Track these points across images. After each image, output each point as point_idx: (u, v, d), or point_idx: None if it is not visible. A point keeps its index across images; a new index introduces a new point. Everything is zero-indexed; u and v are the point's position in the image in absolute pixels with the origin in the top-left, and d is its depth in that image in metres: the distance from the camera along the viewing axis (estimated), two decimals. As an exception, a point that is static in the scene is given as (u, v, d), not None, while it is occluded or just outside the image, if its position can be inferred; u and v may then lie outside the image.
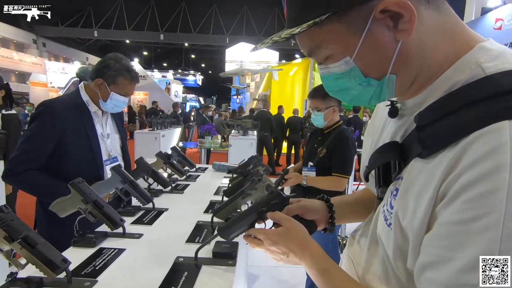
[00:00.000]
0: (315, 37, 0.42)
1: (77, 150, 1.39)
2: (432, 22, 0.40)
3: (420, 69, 0.42)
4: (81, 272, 0.85)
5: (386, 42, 0.39)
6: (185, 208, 1.47)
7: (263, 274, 2.65)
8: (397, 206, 0.42)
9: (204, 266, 0.91)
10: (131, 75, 1.45)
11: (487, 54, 0.39)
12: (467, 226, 0.33)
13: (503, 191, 0.31)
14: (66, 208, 1.10)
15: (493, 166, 0.32)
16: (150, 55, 27.64)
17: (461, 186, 0.34)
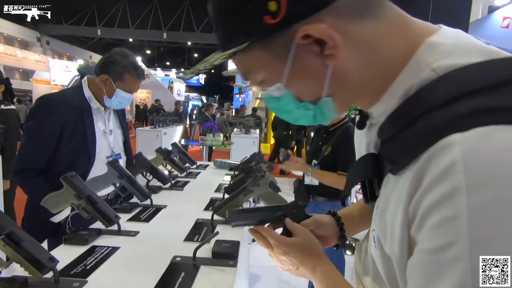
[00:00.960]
0: (243, 63, 0.40)
1: (71, 146, 1.32)
2: (371, 33, 0.36)
3: (367, 82, 0.38)
4: (70, 272, 0.79)
5: (316, 67, 0.37)
6: (184, 205, 1.41)
7: (265, 274, 2.59)
8: (377, 229, 0.39)
9: (202, 267, 0.85)
10: (138, 72, 1.41)
11: (437, 51, 0.34)
12: (439, 256, 0.29)
13: (463, 217, 0.27)
14: (59, 203, 1.04)
15: (449, 189, 0.28)
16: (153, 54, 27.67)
17: (425, 209, 0.30)
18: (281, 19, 0.34)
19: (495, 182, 0.26)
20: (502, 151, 0.26)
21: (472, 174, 0.27)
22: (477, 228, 0.26)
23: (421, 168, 0.31)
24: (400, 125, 0.34)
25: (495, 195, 0.26)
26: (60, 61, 16.23)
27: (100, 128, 1.43)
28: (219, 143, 4.69)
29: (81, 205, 1.02)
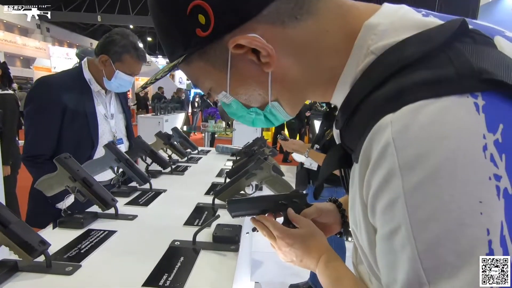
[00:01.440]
0: (188, 73, 0.41)
1: (73, 130, 1.28)
2: (309, 32, 0.35)
3: (315, 80, 0.38)
4: (63, 256, 0.75)
5: (255, 75, 0.37)
6: (184, 189, 1.37)
7: (266, 261, 2.58)
8: (351, 221, 0.39)
9: (203, 251, 0.81)
10: (138, 53, 1.34)
11: (374, 32, 0.33)
12: (391, 242, 0.28)
13: (401, 200, 0.26)
14: (53, 186, 1.00)
15: (386, 172, 0.27)
16: (154, 41, 27.29)
17: (373, 194, 0.29)
18: (211, 31, 0.34)
19: (424, 160, 0.25)
20: (429, 125, 0.25)
21: (403, 155, 0.26)
22: (415, 210, 0.25)
23: (364, 153, 0.30)
24: (348, 113, 0.34)
25: (425, 173, 0.25)
26: (61, 48, 16.06)
27: (101, 112, 1.38)
28: (221, 129, 4.62)
29: (77, 188, 0.98)
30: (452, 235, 0.24)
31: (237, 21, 0.34)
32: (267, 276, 2.34)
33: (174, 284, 0.67)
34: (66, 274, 0.69)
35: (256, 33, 0.34)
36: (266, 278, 2.30)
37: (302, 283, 2.15)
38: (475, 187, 0.24)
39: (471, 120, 0.24)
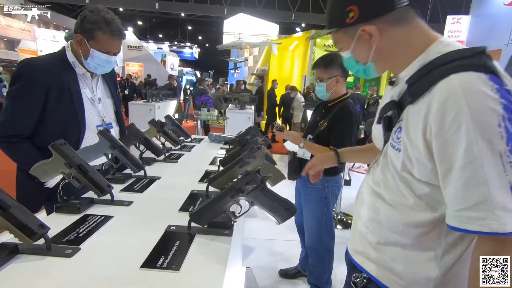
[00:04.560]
0: (335, 37, 0.75)
1: (58, 113, 1.25)
2: (402, 33, 0.68)
3: (395, 58, 0.70)
4: (62, 239, 0.78)
5: (366, 46, 0.70)
6: (179, 177, 1.39)
7: (258, 246, 2.65)
8: (403, 137, 0.64)
9: (198, 236, 0.85)
10: (111, 29, 1.25)
11: (442, 44, 0.66)
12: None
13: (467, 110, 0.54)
14: (48, 172, 1.01)
15: (451, 107, 0.56)
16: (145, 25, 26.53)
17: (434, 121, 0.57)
18: (354, 21, 0.68)
19: (472, 93, 0.55)
20: (472, 80, 0.56)
21: (464, 91, 0.55)
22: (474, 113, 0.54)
23: (431, 96, 0.59)
24: (421, 74, 0.63)
25: (475, 99, 0.54)
26: (47, 30, 15.49)
27: (87, 96, 1.35)
28: (214, 118, 4.62)
29: (72, 174, 0.99)
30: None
31: (368, 19, 0.67)
32: (258, 262, 2.41)
33: (171, 265, 0.70)
34: (66, 256, 0.71)
35: (374, 26, 0.66)
36: (257, 264, 2.37)
37: (291, 268, 2.23)
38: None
39: (486, 81, 0.55)
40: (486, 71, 0.55)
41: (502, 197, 0.52)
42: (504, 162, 0.52)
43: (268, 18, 13.63)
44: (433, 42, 0.66)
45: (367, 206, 0.76)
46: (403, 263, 0.68)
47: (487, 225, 0.53)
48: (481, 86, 0.54)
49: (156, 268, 0.69)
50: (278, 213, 0.83)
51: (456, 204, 0.56)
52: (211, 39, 26.94)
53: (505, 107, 0.53)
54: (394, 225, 0.69)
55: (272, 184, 1.18)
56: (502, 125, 0.52)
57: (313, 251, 1.90)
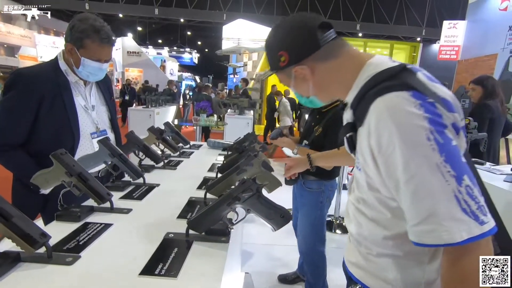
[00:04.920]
0: (278, 77, 0.81)
1: (51, 122, 1.25)
2: (333, 65, 0.73)
3: (333, 88, 0.76)
4: (63, 247, 0.80)
5: (304, 82, 0.75)
6: (177, 184, 1.41)
7: (257, 252, 2.66)
8: (359, 157, 0.69)
9: (195, 243, 0.87)
10: (100, 36, 1.25)
11: (371, 67, 0.69)
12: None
13: (395, 130, 0.57)
14: (49, 181, 1.03)
15: (383, 130, 0.59)
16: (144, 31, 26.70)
17: (376, 138, 0.60)
18: (286, 65, 0.74)
19: (397, 114, 0.57)
20: (395, 101, 0.58)
21: (390, 112, 0.58)
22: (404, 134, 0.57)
23: (368, 121, 0.62)
24: (358, 100, 0.66)
25: (401, 119, 0.57)
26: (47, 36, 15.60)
27: (80, 103, 1.35)
28: (213, 123, 4.65)
29: (72, 183, 1.01)
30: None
31: (297, 61, 0.73)
32: (257, 267, 2.42)
33: (169, 272, 0.72)
34: (67, 264, 0.73)
35: (305, 65, 0.72)
36: (256, 269, 2.38)
37: (290, 274, 2.24)
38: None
39: (409, 99, 0.57)
40: (408, 89, 0.58)
41: (448, 207, 0.53)
42: (443, 172, 0.53)
43: (267, 23, 13.73)
44: (363, 65, 0.69)
45: (353, 222, 0.78)
46: (394, 272, 0.70)
47: (439, 237, 0.54)
48: (405, 105, 0.56)
49: (154, 275, 0.71)
50: (274, 220, 0.85)
51: (410, 219, 0.58)
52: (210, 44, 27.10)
53: (430, 120, 0.55)
54: (376, 238, 0.71)
55: (269, 191, 1.20)
56: (431, 138, 0.54)
57: (306, 255, 1.92)
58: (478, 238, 0.52)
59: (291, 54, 0.72)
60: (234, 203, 0.85)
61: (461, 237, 0.52)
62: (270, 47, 0.76)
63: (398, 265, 0.69)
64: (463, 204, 0.53)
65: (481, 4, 7.02)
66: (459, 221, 0.52)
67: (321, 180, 1.79)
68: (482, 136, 2.31)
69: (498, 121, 2.66)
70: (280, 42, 0.74)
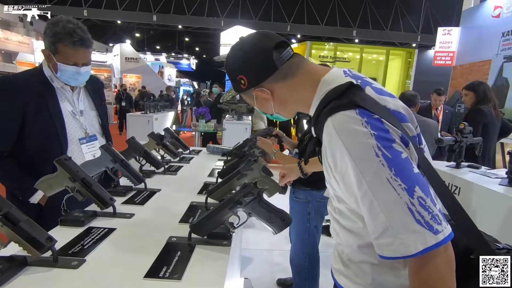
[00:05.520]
0: (243, 97, 0.82)
1: (37, 129, 1.23)
2: (292, 84, 0.73)
3: (295, 104, 0.77)
4: (68, 251, 0.81)
5: (266, 102, 0.76)
6: (178, 189, 1.43)
7: (256, 257, 2.66)
8: (324, 172, 0.71)
9: (198, 246, 0.88)
10: (73, 40, 1.19)
11: (325, 84, 0.69)
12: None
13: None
14: (53, 186, 1.05)
15: (335, 149, 0.61)
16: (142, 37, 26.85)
17: (330, 155, 0.63)
18: (246, 87, 0.75)
19: (345, 133, 0.59)
20: (342, 120, 0.60)
21: (338, 132, 0.60)
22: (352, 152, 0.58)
23: (323, 137, 0.64)
24: (315, 118, 0.68)
25: (349, 138, 0.58)
26: (45, 43, 15.58)
27: (67, 109, 1.32)
28: (211, 129, 4.67)
29: (76, 188, 1.03)
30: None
31: (256, 84, 0.74)
32: (256, 272, 2.42)
33: (173, 275, 0.74)
34: (72, 267, 0.74)
35: (264, 87, 0.74)
36: (255, 274, 2.38)
37: (289, 278, 2.24)
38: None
39: (355, 117, 0.59)
40: (354, 107, 0.59)
41: (402, 219, 0.54)
42: (395, 186, 0.54)
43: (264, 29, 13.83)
44: (318, 82, 0.70)
45: (334, 231, 0.80)
46: (371, 276, 0.70)
47: (396, 250, 0.55)
48: (351, 124, 0.58)
49: (159, 277, 0.72)
50: (274, 223, 0.88)
51: (371, 233, 0.59)
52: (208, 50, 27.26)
53: (377, 136, 0.56)
54: (352, 247, 0.72)
55: (269, 195, 1.22)
56: (379, 153, 0.55)
57: (296, 266, 1.86)
58: (433, 247, 0.53)
59: (249, 77, 0.73)
60: (235, 207, 0.87)
61: (416, 248, 0.53)
62: (230, 70, 0.77)
63: (375, 271, 0.69)
64: (417, 216, 0.53)
65: (474, 11, 7.16)
66: (414, 233, 0.53)
67: (308, 190, 1.69)
68: (478, 140, 2.35)
69: (492, 126, 2.71)
70: (238, 66, 0.74)
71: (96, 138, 1.43)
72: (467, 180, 2.07)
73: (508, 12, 6.16)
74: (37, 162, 1.24)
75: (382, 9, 18.74)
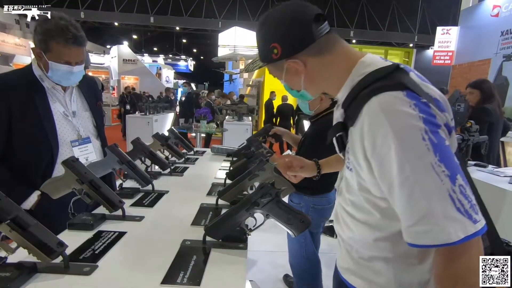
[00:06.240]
0: (268, 69, 0.78)
1: (27, 131, 1.16)
2: (326, 61, 0.70)
3: (325, 83, 0.74)
4: (79, 257, 0.77)
5: (295, 76, 0.73)
6: (186, 190, 1.39)
7: (260, 259, 2.63)
8: (351, 158, 0.67)
9: (213, 250, 0.85)
10: (66, 37, 1.13)
11: (363, 65, 0.68)
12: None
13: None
14: (60, 189, 1.01)
15: (378, 129, 0.57)
16: (140, 39, 26.77)
17: (371, 138, 0.59)
18: (278, 57, 0.71)
19: (392, 114, 0.56)
20: (389, 101, 0.57)
21: (384, 112, 0.57)
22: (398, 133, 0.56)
23: (361, 119, 0.61)
24: (351, 99, 0.65)
25: (396, 119, 0.56)
26: (42, 45, 15.48)
27: (59, 110, 1.25)
28: (213, 130, 4.63)
29: (84, 190, 0.99)
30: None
31: (290, 55, 0.70)
32: (261, 275, 2.39)
33: (191, 281, 0.70)
34: (84, 274, 0.71)
35: (298, 59, 0.70)
36: (260, 277, 2.35)
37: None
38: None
39: (403, 98, 0.57)
40: (402, 89, 0.57)
41: (443, 206, 0.52)
42: (438, 172, 0.53)
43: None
44: (355, 63, 0.68)
45: (343, 225, 0.77)
46: (386, 275, 0.68)
47: (435, 237, 0.53)
48: (399, 105, 0.56)
49: (177, 284, 0.69)
50: (294, 225, 0.84)
51: (404, 220, 0.57)
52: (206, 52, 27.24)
53: (425, 120, 0.55)
54: (367, 241, 0.70)
55: (282, 196, 1.19)
56: (426, 137, 0.54)
57: (296, 271, 1.82)
58: (472, 236, 0.52)
59: (284, 47, 0.68)
60: (253, 209, 0.84)
61: (457, 236, 0.52)
62: (262, 38, 0.72)
63: (389, 268, 0.68)
64: (457, 203, 0.52)
65: (473, 11, 7.19)
66: (455, 221, 0.52)
67: (301, 194, 1.63)
68: (483, 139, 2.33)
69: (497, 124, 2.69)
70: (273, 34, 0.69)
71: (90, 141, 1.35)
72: (476, 178, 2.05)
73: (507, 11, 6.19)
74: (26, 166, 1.17)
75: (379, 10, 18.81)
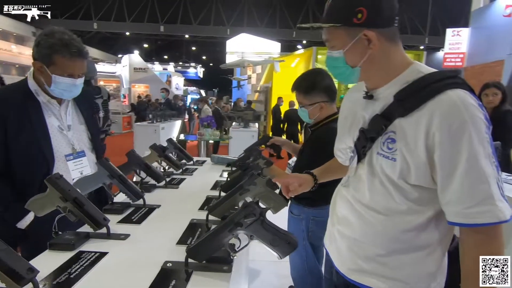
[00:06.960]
0: (330, 32, 0.76)
1: (22, 146, 1.16)
2: (391, 49, 0.74)
3: (380, 70, 0.75)
4: (52, 282, 0.74)
5: (362, 50, 0.73)
6: (179, 204, 1.36)
7: (263, 269, 2.56)
8: (398, 147, 0.70)
9: (195, 273, 0.80)
10: (70, 51, 1.16)
11: (419, 67, 0.75)
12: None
13: (469, 123, 0.64)
14: (44, 206, 0.99)
15: (455, 117, 0.65)
16: (150, 48, 27.36)
17: (442, 130, 0.65)
18: (360, 23, 0.70)
19: (469, 107, 0.65)
20: (464, 96, 0.66)
21: (464, 104, 0.65)
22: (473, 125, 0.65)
23: (431, 108, 0.66)
24: (412, 91, 0.70)
25: (472, 112, 0.65)
26: (57, 56, 16.00)
27: (54, 124, 1.25)
28: (217, 137, 4.62)
29: (68, 208, 0.97)
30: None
31: (371, 25, 0.70)
32: (265, 286, 2.32)
33: (165, 310, 0.66)
34: (55, 301, 0.67)
35: (375, 34, 0.71)
36: (264, 287, 2.29)
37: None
38: None
39: (471, 96, 0.67)
40: (468, 89, 0.68)
41: (496, 191, 0.63)
42: (492, 162, 0.64)
43: (269, 36, 13.93)
44: (410, 64, 0.75)
45: (355, 223, 0.79)
46: (406, 269, 0.73)
47: (495, 216, 0.62)
48: (472, 100, 0.65)
49: (149, 313, 0.65)
50: (279, 247, 0.79)
51: (461, 203, 0.64)
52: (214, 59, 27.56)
53: (485, 117, 0.66)
54: (390, 233, 0.73)
55: (274, 212, 1.14)
56: (487, 132, 0.65)
57: (298, 284, 1.77)
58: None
59: (371, 15, 0.70)
60: (236, 229, 0.80)
61: (507, 216, 0.63)
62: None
63: (409, 261, 0.73)
64: (501, 190, 0.64)
65: (484, 11, 6.99)
66: (504, 203, 0.63)
67: (300, 206, 1.56)
68: (497, 145, 2.22)
69: (512, 128, 2.56)
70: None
71: (85, 154, 1.34)
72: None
73: (521, 11, 5.98)
74: (22, 181, 1.17)
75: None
